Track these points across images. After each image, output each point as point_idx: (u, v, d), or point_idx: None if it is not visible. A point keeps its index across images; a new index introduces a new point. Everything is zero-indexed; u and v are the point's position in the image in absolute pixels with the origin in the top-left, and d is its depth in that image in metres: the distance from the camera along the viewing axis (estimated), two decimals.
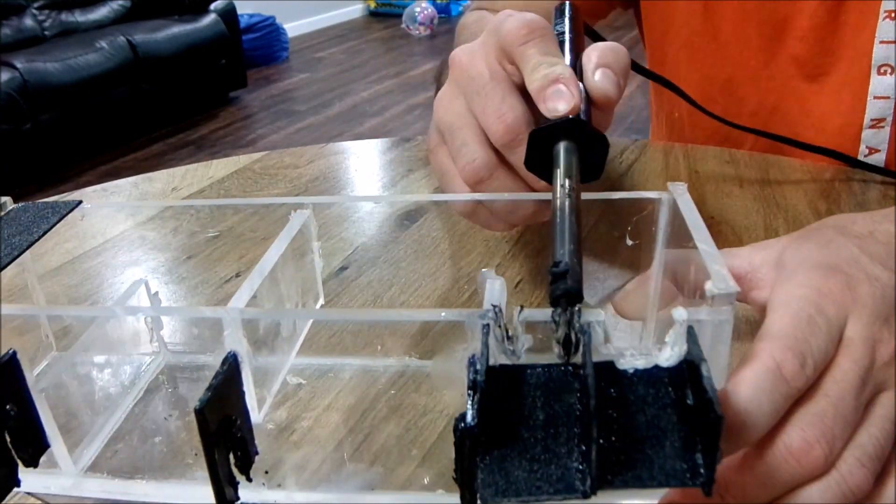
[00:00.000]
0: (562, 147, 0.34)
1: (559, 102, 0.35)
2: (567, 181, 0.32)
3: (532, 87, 0.37)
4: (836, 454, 0.26)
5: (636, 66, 0.55)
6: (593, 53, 0.38)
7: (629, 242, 0.37)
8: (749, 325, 0.37)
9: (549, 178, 0.35)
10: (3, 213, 0.39)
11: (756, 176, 0.62)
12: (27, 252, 0.36)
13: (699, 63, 0.70)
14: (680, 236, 0.33)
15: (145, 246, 0.58)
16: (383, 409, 0.37)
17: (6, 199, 0.40)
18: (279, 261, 0.35)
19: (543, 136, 0.35)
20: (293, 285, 0.38)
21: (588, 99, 0.37)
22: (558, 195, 0.31)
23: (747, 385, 0.25)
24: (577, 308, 0.24)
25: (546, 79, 0.36)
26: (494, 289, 0.28)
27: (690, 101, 0.62)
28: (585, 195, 0.37)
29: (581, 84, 0.37)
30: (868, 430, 0.27)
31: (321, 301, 0.43)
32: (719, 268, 0.27)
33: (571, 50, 0.40)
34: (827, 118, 0.65)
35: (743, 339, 0.38)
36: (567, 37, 0.42)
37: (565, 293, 0.25)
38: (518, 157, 0.38)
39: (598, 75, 0.37)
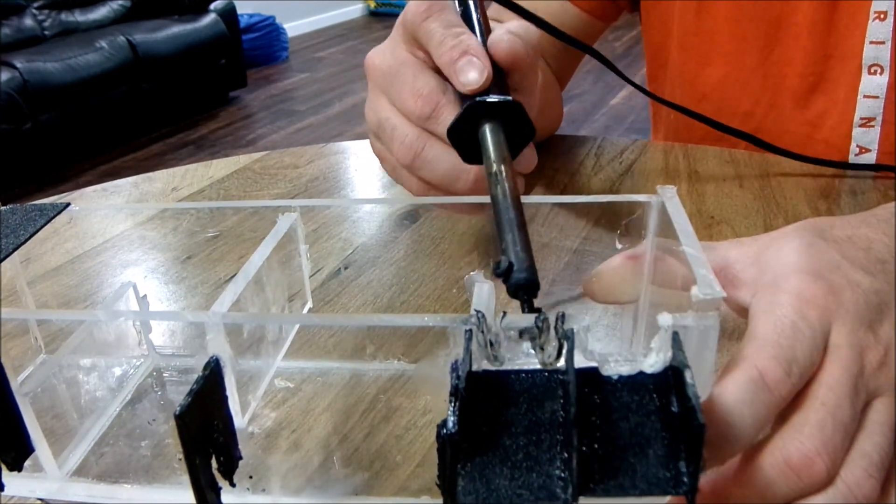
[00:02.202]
0: (486, 130, 0.34)
1: (471, 73, 0.36)
2: (497, 166, 0.31)
3: (441, 60, 0.38)
4: (838, 465, 0.26)
5: (577, 43, 0.54)
6: (503, 26, 0.39)
7: (619, 246, 0.37)
8: (734, 322, 0.37)
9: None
10: None
11: (756, 176, 0.62)
12: (15, 254, 0.36)
13: (694, 63, 0.70)
14: (669, 240, 0.32)
15: (145, 246, 0.57)
16: (371, 413, 0.37)
17: None
18: (264, 264, 0.35)
19: (460, 127, 0.35)
20: (279, 289, 0.38)
21: (498, 71, 0.37)
22: (492, 184, 0.30)
23: (730, 395, 0.25)
24: (560, 313, 0.24)
25: (454, 50, 0.37)
26: (483, 293, 0.28)
27: (660, 99, 0.62)
28: (577, 199, 0.37)
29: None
30: (871, 439, 0.27)
31: (309, 304, 0.43)
32: (705, 272, 0.27)
33: (478, 22, 0.40)
34: (821, 117, 0.64)
35: (730, 338, 0.37)
36: (473, 10, 0.41)
37: (520, 285, 0.25)
38: (442, 127, 0.38)
39: (505, 37, 0.37)
